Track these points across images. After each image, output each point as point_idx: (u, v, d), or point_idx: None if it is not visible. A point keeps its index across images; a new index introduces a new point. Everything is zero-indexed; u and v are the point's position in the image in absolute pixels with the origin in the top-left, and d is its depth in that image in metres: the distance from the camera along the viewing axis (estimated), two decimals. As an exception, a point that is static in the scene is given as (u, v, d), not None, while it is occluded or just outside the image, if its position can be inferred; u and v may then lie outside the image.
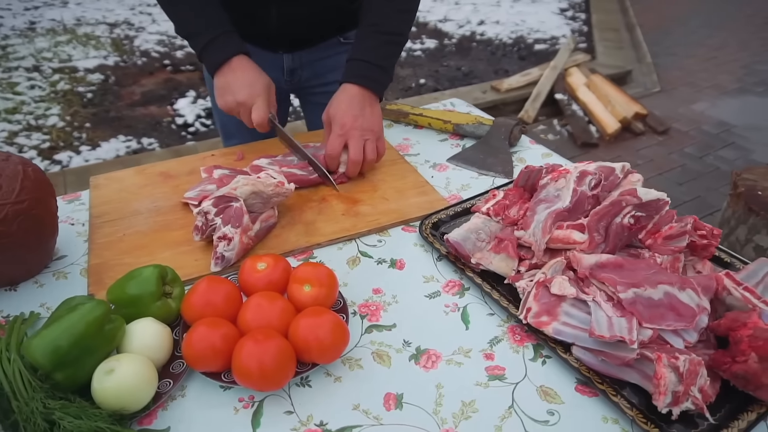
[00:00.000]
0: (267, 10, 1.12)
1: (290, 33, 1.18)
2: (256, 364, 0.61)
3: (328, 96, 1.31)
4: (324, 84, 1.30)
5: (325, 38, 1.24)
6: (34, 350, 0.57)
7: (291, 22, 1.15)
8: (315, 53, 1.25)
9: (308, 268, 0.74)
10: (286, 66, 1.25)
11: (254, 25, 1.15)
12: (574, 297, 0.71)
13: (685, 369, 0.61)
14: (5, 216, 0.72)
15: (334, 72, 1.28)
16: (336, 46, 1.26)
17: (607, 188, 0.83)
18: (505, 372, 0.68)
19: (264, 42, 1.20)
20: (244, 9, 1.12)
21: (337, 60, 1.28)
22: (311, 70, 1.27)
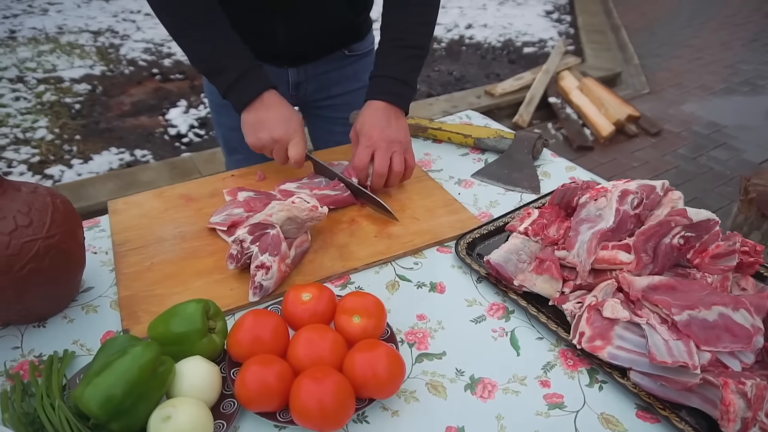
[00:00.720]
0: (274, 27, 1.11)
1: (297, 48, 1.17)
2: (317, 404, 0.59)
3: (333, 109, 1.31)
4: (329, 97, 1.29)
5: (330, 51, 1.23)
6: (89, 400, 0.54)
7: (298, 37, 1.14)
8: (320, 66, 1.24)
9: (356, 298, 0.72)
10: (291, 80, 1.24)
11: (261, 43, 1.13)
12: (627, 320, 0.70)
13: (752, 394, 0.60)
14: (37, 252, 0.69)
15: (339, 85, 1.29)
16: (341, 59, 1.25)
17: (649, 207, 0.82)
18: (563, 400, 0.67)
19: (270, 58, 1.18)
20: (252, 27, 1.10)
21: (342, 73, 1.28)
22: (316, 83, 1.26)
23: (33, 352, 0.72)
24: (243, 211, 0.94)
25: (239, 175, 1.10)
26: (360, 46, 1.27)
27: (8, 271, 0.67)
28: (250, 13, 1.08)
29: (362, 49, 1.28)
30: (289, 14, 1.09)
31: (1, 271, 0.66)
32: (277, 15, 1.08)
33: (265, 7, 1.07)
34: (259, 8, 1.07)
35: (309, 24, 1.12)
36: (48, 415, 0.59)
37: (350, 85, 1.28)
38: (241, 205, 0.96)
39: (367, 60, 1.30)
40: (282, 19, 1.10)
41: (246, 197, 0.98)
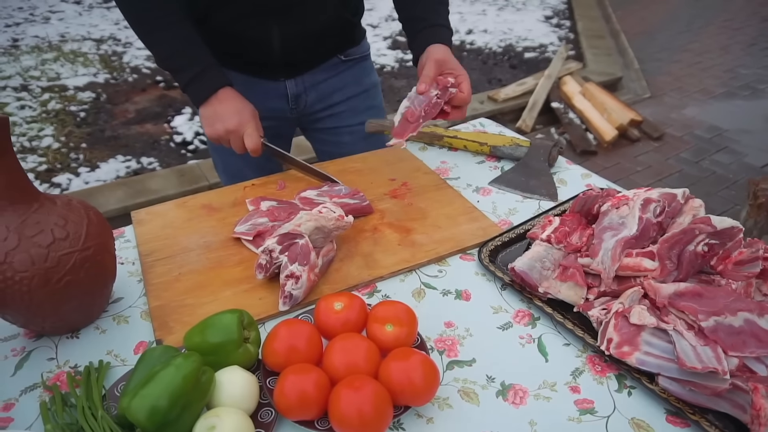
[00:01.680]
0: (269, 33, 1.11)
1: (292, 54, 1.16)
2: (356, 413, 0.60)
3: (338, 118, 1.30)
4: (330, 106, 1.29)
5: (326, 58, 1.23)
6: (137, 412, 0.55)
7: (293, 41, 1.13)
8: (317, 75, 1.23)
9: (387, 306, 0.73)
10: (290, 93, 1.23)
11: (256, 50, 1.14)
12: (654, 326, 0.71)
13: (782, 399, 0.61)
14: (73, 264, 0.70)
15: (340, 91, 1.28)
16: (338, 65, 1.25)
17: (670, 215, 0.84)
18: (594, 405, 0.68)
19: (265, 70, 1.19)
20: (246, 34, 1.11)
21: (341, 79, 1.27)
22: (316, 93, 1.25)
23: (68, 363, 0.73)
24: (267, 221, 0.95)
25: (259, 184, 1.11)
26: (356, 51, 1.27)
27: (47, 283, 0.68)
28: (244, 17, 1.08)
29: (358, 54, 1.28)
30: (283, 16, 1.09)
31: (40, 283, 0.67)
32: (271, 17, 1.08)
33: (258, 10, 1.07)
34: (252, 11, 1.07)
35: (304, 26, 1.12)
36: (91, 425, 0.60)
37: (351, 90, 1.28)
38: (265, 214, 0.97)
39: (364, 64, 1.30)
40: (276, 22, 1.09)
41: (269, 206, 1.00)
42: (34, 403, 0.67)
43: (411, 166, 1.17)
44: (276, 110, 1.24)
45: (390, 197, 1.06)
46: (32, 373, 0.71)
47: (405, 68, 4.57)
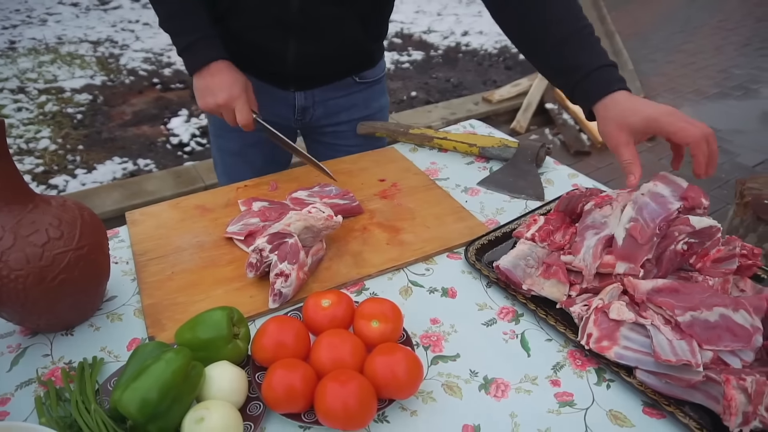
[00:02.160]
0: (285, 46, 1.10)
1: (305, 70, 1.16)
2: (341, 405, 0.62)
3: (337, 136, 1.30)
4: (336, 123, 1.28)
5: (340, 77, 1.22)
6: (128, 404, 0.57)
7: (308, 58, 1.13)
8: (328, 92, 1.23)
9: (374, 303, 0.75)
10: (298, 104, 1.23)
11: (269, 61, 1.14)
12: (632, 321, 0.74)
13: (753, 389, 0.63)
14: (68, 263, 0.72)
15: (347, 111, 1.27)
16: (350, 85, 1.24)
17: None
18: (573, 398, 0.70)
19: (277, 79, 1.19)
20: (262, 43, 1.11)
21: (350, 99, 1.26)
22: (323, 108, 1.25)
23: (63, 359, 0.75)
24: (259, 221, 0.97)
25: (252, 185, 1.13)
26: (371, 74, 1.26)
27: (41, 281, 0.70)
28: (263, 28, 1.08)
29: (372, 77, 1.27)
30: (303, 33, 1.08)
31: (35, 281, 0.69)
32: (290, 32, 1.08)
33: (277, 24, 1.06)
34: (271, 24, 1.07)
35: (321, 45, 1.11)
36: (85, 419, 0.62)
37: (358, 112, 1.28)
38: (257, 214, 0.99)
39: (377, 87, 1.29)
40: (294, 38, 1.09)
41: (261, 207, 1.02)
42: (29, 397, 0.69)
43: (401, 167, 1.19)
44: (281, 116, 1.24)
45: (380, 197, 1.08)
46: (27, 369, 0.73)
47: (400, 70, 4.60)
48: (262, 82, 1.18)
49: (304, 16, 1.04)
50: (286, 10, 1.03)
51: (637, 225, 0.78)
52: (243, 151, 1.29)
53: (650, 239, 0.77)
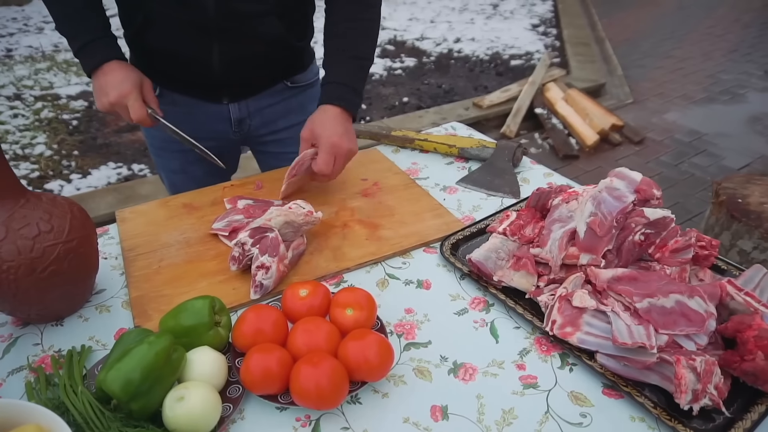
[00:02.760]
0: (208, 51, 1.09)
1: (234, 76, 1.15)
2: (314, 386, 0.66)
3: (280, 144, 1.30)
4: (275, 131, 1.29)
5: (271, 83, 1.22)
6: (111, 383, 0.61)
7: (234, 62, 1.12)
8: (262, 100, 1.23)
9: (348, 293, 0.79)
10: (233, 117, 1.23)
11: (196, 70, 1.13)
12: (594, 308, 0.78)
13: (701, 369, 0.67)
14: (57, 255, 0.76)
15: (284, 118, 1.27)
16: (283, 91, 1.25)
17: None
18: (537, 380, 0.74)
19: (207, 91, 1.18)
20: (184, 52, 1.10)
21: (286, 105, 1.25)
22: (260, 118, 1.25)
23: (52, 347, 0.79)
24: (243, 218, 1.01)
25: (238, 185, 1.17)
26: (302, 77, 1.26)
27: (32, 272, 0.73)
28: (182, 35, 1.07)
29: (305, 80, 1.27)
30: (223, 35, 1.07)
31: (26, 272, 0.73)
32: (211, 36, 1.06)
33: (196, 28, 1.05)
34: (190, 29, 1.05)
35: (244, 46, 1.10)
36: (72, 400, 0.66)
37: (296, 118, 1.26)
38: (241, 212, 1.03)
39: (311, 92, 1.29)
40: (216, 41, 1.07)
41: (245, 205, 1.06)
42: (20, 382, 0.73)
43: (382, 167, 1.23)
44: (219, 132, 1.25)
45: (361, 196, 1.12)
46: (19, 357, 0.77)
47: (393, 76, 4.66)
48: (194, 99, 1.19)
49: (220, 16, 1.03)
50: (203, 13, 1.02)
51: (596, 219, 0.82)
52: (184, 168, 1.31)
53: (609, 231, 0.81)
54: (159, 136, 1.27)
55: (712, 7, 7.10)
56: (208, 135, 1.18)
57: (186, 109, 1.17)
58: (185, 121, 1.14)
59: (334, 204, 1.10)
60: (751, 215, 1.49)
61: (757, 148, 3.51)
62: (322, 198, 1.11)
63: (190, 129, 1.12)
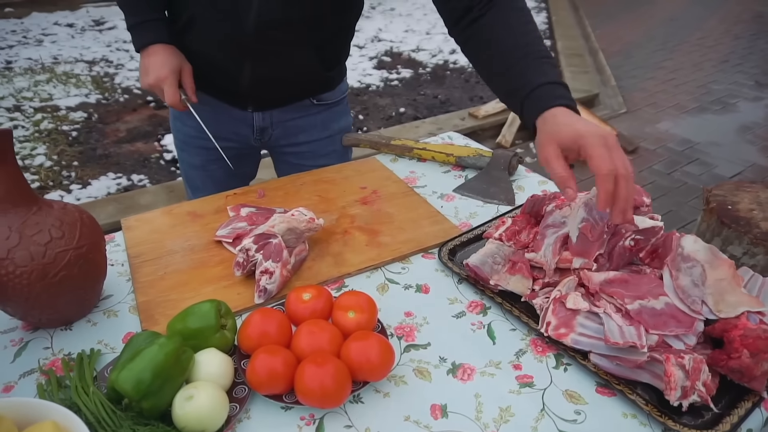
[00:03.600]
0: (240, 67, 1.13)
1: (261, 92, 1.19)
2: (318, 385, 0.68)
3: (300, 156, 1.33)
4: (295, 144, 1.32)
5: (297, 100, 1.25)
6: (123, 382, 0.63)
7: (263, 81, 1.16)
8: (286, 113, 1.26)
9: (350, 296, 0.82)
10: (256, 124, 1.26)
11: (225, 81, 1.17)
12: (587, 310, 0.81)
13: (690, 366, 0.70)
14: (68, 261, 0.78)
15: (306, 132, 1.30)
16: (309, 107, 1.27)
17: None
18: (533, 380, 0.77)
19: (234, 99, 1.22)
20: (217, 62, 1.15)
21: (309, 121, 1.28)
22: (282, 129, 1.28)
23: (62, 351, 0.81)
24: (246, 225, 1.04)
25: (241, 193, 1.20)
26: (329, 96, 1.29)
27: (44, 277, 0.76)
28: (218, 47, 1.11)
29: (332, 99, 1.30)
30: (257, 56, 1.11)
31: (38, 277, 0.75)
32: (245, 54, 1.11)
33: (232, 44, 1.09)
34: (226, 44, 1.09)
35: (275, 69, 1.14)
36: (83, 400, 0.68)
37: (318, 134, 1.30)
38: (244, 219, 1.06)
39: (336, 109, 1.31)
40: (249, 59, 1.12)
41: (248, 212, 1.08)
42: (31, 385, 0.75)
43: (381, 176, 1.26)
44: (241, 136, 1.28)
45: (360, 203, 1.15)
46: (30, 360, 0.79)
47: (389, 87, 4.71)
48: (220, 101, 1.23)
49: (258, 39, 1.06)
50: (241, 31, 1.05)
51: (588, 224, 0.85)
52: (205, 165, 1.34)
53: (600, 236, 0.84)
54: (184, 130, 1.31)
55: (702, 19, 7.22)
56: (230, 137, 1.23)
57: (212, 108, 1.20)
58: (211, 120, 1.20)
59: (334, 211, 1.13)
60: (740, 221, 1.53)
61: (749, 157, 3.57)
62: (323, 206, 1.14)
63: (215, 128, 1.20)
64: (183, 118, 1.29)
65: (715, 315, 0.79)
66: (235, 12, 1.03)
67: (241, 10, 1.02)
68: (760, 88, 4.78)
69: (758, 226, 1.50)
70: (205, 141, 1.14)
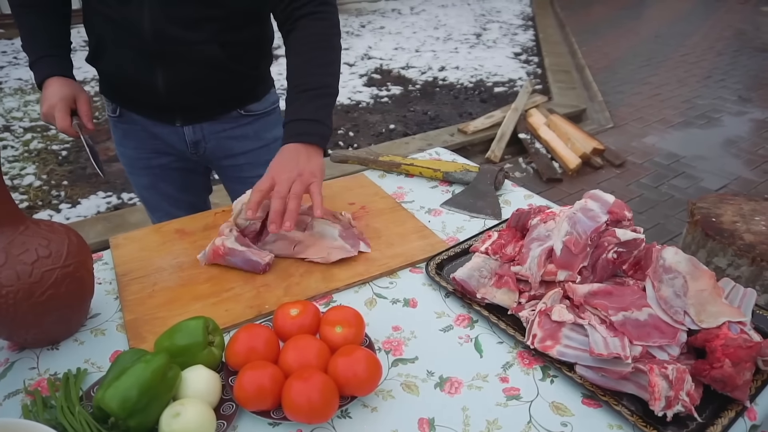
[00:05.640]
0: (153, 75, 1.13)
1: (181, 100, 1.19)
2: (306, 400, 0.68)
3: (239, 169, 1.35)
4: (231, 156, 1.32)
5: (223, 110, 1.26)
6: (110, 401, 0.63)
7: (179, 85, 1.16)
8: (216, 125, 1.27)
9: (337, 311, 0.82)
10: (188, 139, 1.27)
11: (145, 95, 1.18)
12: (572, 322, 0.82)
13: (673, 377, 0.71)
14: (55, 280, 0.78)
15: (239, 143, 1.31)
16: (238, 118, 1.28)
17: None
18: (520, 392, 0.77)
19: (160, 113, 1.23)
20: (132, 76, 1.15)
21: (242, 131, 1.29)
22: (216, 141, 1.29)
23: (48, 371, 0.80)
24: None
25: (229, 210, 1.20)
26: (257, 107, 1.29)
27: (30, 296, 0.76)
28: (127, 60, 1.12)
29: (260, 109, 1.30)
30: (165, 60, 1.11)
31: (24, 296, 0.75)
32: (153, 60, 1.11)
33: (138, 53, 1.10)
34: (133, 54, 1.11)
35: (187, 72, 1.14)
36: (69, 420, 0.68)
37: (251, 144, 1.31)
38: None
39: (268, 119, 1.32)
40: (159, 65, 1.12)
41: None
42: (16, 405, 0.74)
43: (369, 192, 1.28)
44: (179, 151, 1.30)
45: (349, 219, 1.16)
46: (15, 381, 0.78)
47: (380, 104, 4.76)
48: (149, 120, 1.25)
49: (159, 41, 1.07)
50: (141, 38, 1.07)
51: (572, 237, 0.87)
52: (154, 184, 1.37)
53: (584, 249, 0.86)
54: (126, 153, 1.35)
55: (686, 36, 7.38)
56: (170, 152, 1.27)
57: (143, 127, 1.24)
58: (147, 138, 1.27)
59: (323, 227, 1.13)
60: (724, 233, 1.55)
61: (733, 170, 3.63)
62: (311, 222, 1.15)
63: (153, 146, 1.27)
64: (122, 141, 1.33)
65: (697, 325, 0.80)
66: (129, 20, 1.06)
67: (134, 17, 1.06)
68: (743, 102, 4.88)
69: (741, 238, 1.53)
70: (148, 160, 1.18)
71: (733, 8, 9.20)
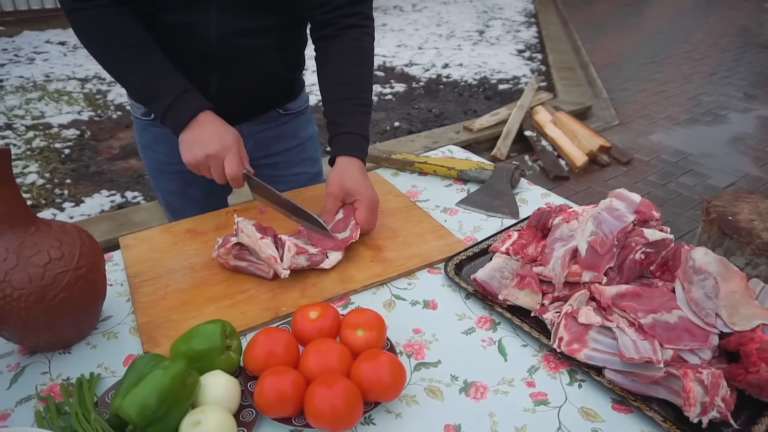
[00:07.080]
0: (207, 82, 1.12)
1: (230, 104, 1.16)
2: (329, 407, 0.66)
3: (274, 168, 1.33)
4: (268, 155, 1.32)
5: (264, 111, 1.27)
6: (128, 408, 0.60)
7: (230, 93, 1.15)
8: (256, 126, 1.27)
9: (358, 314, 0.80)
10: None
11: None
12: (599, 325, 0.79)
13: (709, 382, 0.69)
14: (68, 282, 0.76)
15: (277, 143, 1.31)
16: (276, 117, 1.29)
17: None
18: (548, 397, 0.75)
19: None
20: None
21: (279, 131, 1.30)
22: (254, 141, 1.28)
23: (61, 376, 0.78)
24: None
25: (241, 209, 1.18)
26: (294, 105, 1.31)
27: (42, 299, 0.74)
28: (185, 65, 1.06)
29: (296, 108, 1.32)
30: (223, 67, 1.11)
31: (36, 300, 0.73)
32: (211, 67, 1.11)
33: (199, 59, 1.08)
34: (192, 60, 1.08)
35: (241, 79, 1.14)
36: (85, 428, 0.65)
37: (288, 143, 1.32)
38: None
39: (302, 118, 1.34)
40: (215, 72, 1.12)
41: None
42: (29, 412, 0.72)
43: (383, 191, 1.25)
44: None
45: (364, 218, 1.14)
46: (27, 386, 0.76)
47: (383, 101, 4.73)
48: None
49: (222, 49, 1.07)
50: (206, 45, 1.06)
51: (598, 238, 0.84)
52: (182, 189, 1.33)
53: (610, 250, 0.83)
54: (155, 157, 1.30)
55: (689, 32, 7.34)
56: None
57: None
58: None
59: (337, 227, 1.11)
60: (741, 232, 1.53)
61: (741, 167, 3.61)
62: (325, 221, 1.12)
63: None
64: (152, 145, 1.28)
65: (729, 328, 0.77)
66: (195, 27, 1.04)
67: (201, 24, 1.03)
68: (749, 99, 4.85)
69: (759, 237, 1.51)
70: (179, 165, 1.06)
71: (736, 5, 9.16)
